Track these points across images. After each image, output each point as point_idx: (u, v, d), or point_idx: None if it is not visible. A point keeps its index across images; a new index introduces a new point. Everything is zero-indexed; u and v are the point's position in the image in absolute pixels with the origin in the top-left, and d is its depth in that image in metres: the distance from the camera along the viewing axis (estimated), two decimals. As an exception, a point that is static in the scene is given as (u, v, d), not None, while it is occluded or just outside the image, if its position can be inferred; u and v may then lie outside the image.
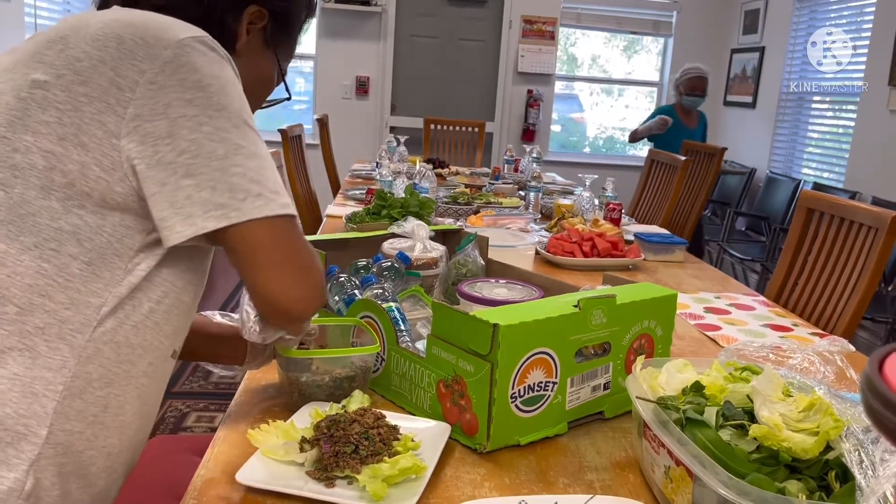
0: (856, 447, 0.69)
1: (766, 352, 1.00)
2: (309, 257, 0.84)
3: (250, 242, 0.80)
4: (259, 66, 1.00)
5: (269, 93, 1.05)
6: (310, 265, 0.84)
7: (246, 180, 0.79)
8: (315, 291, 0.85)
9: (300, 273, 0.83)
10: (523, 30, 5.78)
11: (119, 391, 0.83)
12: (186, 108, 0.77)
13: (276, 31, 0.99)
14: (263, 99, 1.06)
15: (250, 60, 0.98)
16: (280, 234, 0.81)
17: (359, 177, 3.55)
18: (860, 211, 1.93)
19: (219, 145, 0.78)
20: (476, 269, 1.45)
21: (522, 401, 0.96)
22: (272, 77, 1.03)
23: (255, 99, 1.01)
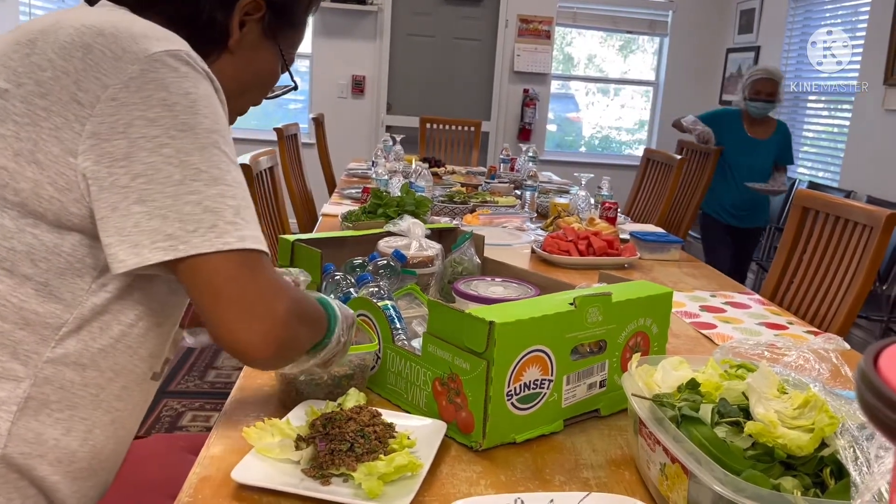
0: (851, 444, 0.69)
1: (761, 349, 1.00)
2: (268, 298, 0.75)
3: (200, 277, 0.73)
4: (259, 58, 0.96)
5: (273, 84, 1.01)
6: (267, 308, 0.75)
7: (200, 209, 0.73)
8: (269, 336, 0.75)
9: (252, 316, 0.74)
10: (519, 29, 5.79)
11: (86, 414, 0.81)
12: (148, 128, 0.72)
13: (275, 21, 0.94)
14: (267, 90, 1.02)
15: (248, 54, 0.94)
16: (232, 270, 0.73)
17: (355, 175, 3.54)
18: (855, 210, 1.93)
19: (177, 169, 0.73)
20: (472, 267, 1.45)
21: (518, 398, 0.96)
22: (275, 68, 0.99)
23: (257, 92, 0.99)
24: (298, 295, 0.82)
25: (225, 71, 0.90)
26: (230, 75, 0.91)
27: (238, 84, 0.94)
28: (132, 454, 1.34)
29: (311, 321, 0.85)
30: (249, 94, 0.98)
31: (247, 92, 0.97)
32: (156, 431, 2.69)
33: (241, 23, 0.91)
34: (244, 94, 0.97)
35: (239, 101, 0.97)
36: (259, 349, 0.75)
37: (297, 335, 0.79)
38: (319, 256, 1.24)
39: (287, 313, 0.76)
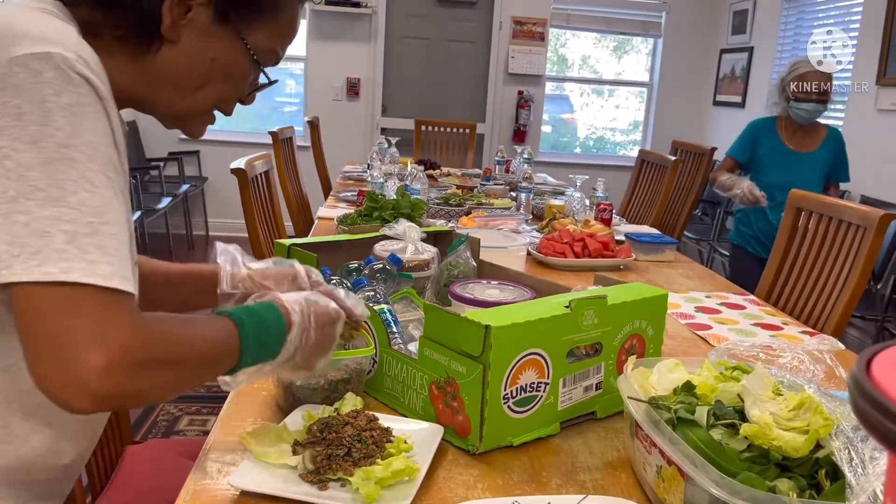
0: (846, 445, 0.70)
1: (756, 351, 1.00)
2: (82, 343, 0.65)
3: (19, 309, 0.66)
4: (213, 47, 0.86)
5: (241, 75, 0.90)
6: (79, 355, 0.65)
7: (27, 232, 0.65)
8: (82, 388, 0.65)
9: (62, 361, 0.65)
10: (513, 31, 5.79)
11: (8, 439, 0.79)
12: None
13: (230, 5, 0.85)
14: (237, 83, 0.91)
15: (198, 43, 0.85)
16: (47, 306, 0.65)
17: (350, 179, 3.54)
18: (849, 210, 1.94)
19: (13, 184, 0.66)
20: (468, 270, 1.45)
21: (515, 402, 0.96)
22: (237, 58, 0.88)
23: (222, 85, 0.89)
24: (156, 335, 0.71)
25: (170, 62, 0.85)
26: (177, 66, 0.85)
27: (189, 77, 0.86)
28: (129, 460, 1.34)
29: (181, 364, 0.73)
30: (210, 88, 0.89)
31: (206, 85, 0.88)
32: (152, 436, 2.69)
33: (187, 8, 0.83)
34: (203, 87, 0.88)
35: (198, 97, 0.89)
36: (64, 398, 0.66)
37: (132, 386, 0.68)
38: (315, 260, 1.25)
39: (107, 364, 0.65)
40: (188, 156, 5.62)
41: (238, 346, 0.79)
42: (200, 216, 5.80)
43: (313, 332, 0.86)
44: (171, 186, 5.03)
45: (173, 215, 5.21)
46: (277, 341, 0.82)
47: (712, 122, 6.03)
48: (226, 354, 0.79)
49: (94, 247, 0.67)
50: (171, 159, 5.35)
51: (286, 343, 0.83)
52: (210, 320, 0.80)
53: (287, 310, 0.84)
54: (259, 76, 0.94)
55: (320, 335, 0.87)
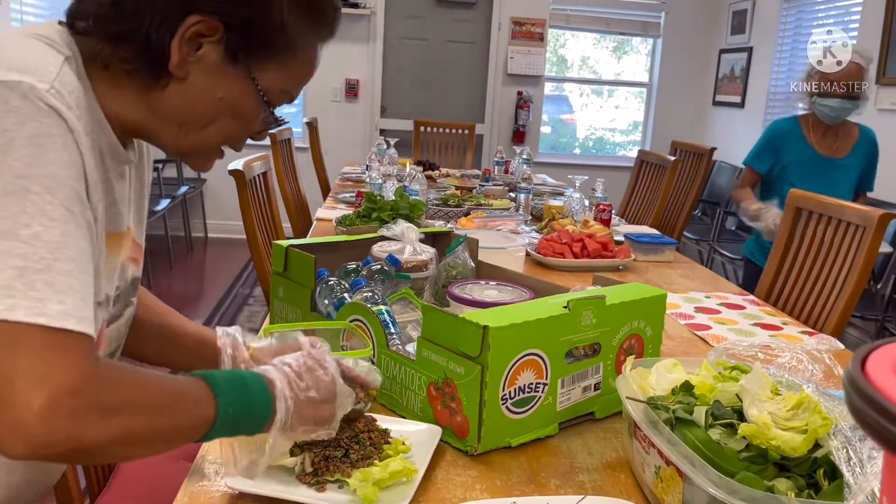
0: (844, 445, 0.70)
1: (754, 351, 1.00)
2: (21, 385, 0.61)
3: None
4: (221, 86, 0.83)
5: (251, 114, 0.88)
6: (16, 397, 0.61)
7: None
8: (18, 432, 0.61)
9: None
10: (512, 31, 5.79)
11: None
12: None
13: (241, 45, 0.82)
14: (247, 122, 0.89)
15: (206, 80, 0.82)
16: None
17: (349, 180, 3.54)
18: (848, 210, 1.94)
19: None
20: (466, 271, 1.45)
21: (513, 402, 0.96)
22: (247, 97, 0.86)
23: (230, 122, 0.87)
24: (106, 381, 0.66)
25: (177, 99, 0.83)
26: (183, 103, 0.83)
27: (195, 114, 0.84)
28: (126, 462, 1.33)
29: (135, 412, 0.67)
30: (217, 125, 0.86)
31: (212, 123, 0.86)
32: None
33: (198, 45, 0.81)
34: (209, 125, 0.86)
35: (205, 134, 0.87)
36: (5, 444, 0.62)
37: (77, 433, 0.63)
38: (313, 262, 1.24)
39: (49, 407, 0.61)
40: (187, 157, 5.61)
41: (210, 399, 0.72)
42: (199, 218, 5.80)
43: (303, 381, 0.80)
44: (169, 188, 5.03)
45: (172, 217, 5.21)
46: (261, 393, 0.76)
47: (712, 122, 6.03)
48: (194, 403, 0.72)
49: (44, 284, 0.64)
50: (169, 161, 5.35)
51: (275, 398, 0.76)
52: (182, 376, 0.75)
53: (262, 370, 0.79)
54: (271, 114, 0.90)
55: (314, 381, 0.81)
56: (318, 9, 0.87)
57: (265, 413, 0.75)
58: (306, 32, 0.87)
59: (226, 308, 4.06)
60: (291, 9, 0.84)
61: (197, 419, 0.72)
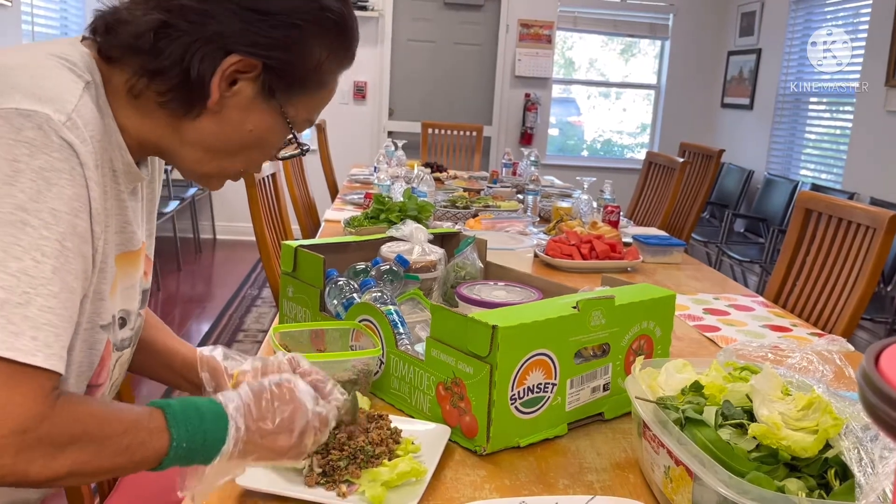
0: (855, 445, 0.69)
1: (764, 351, 1.00)
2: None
3: None
4: (253, 119, 0.85)
5: (271, 147, 0.91)
6: None
7: None
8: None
9: None
10: (520, 34, 5.79)
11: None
12: None
13: (276, 83, 0.84)
14: (269, 151, 0.91)
15: (239, 114, 0.84)
16: None
17: (357, 181, 3.55)
18: (858, 211, 1.93)
19: None
20: (474, 271, 1.45)
21: (522, 402, 0.96)
22: (275, 129, 0.88)
23: (256, 152, 0.89)
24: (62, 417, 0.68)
25: (207, 129, 0.84)
26: (214, 134, 0.84)
27: (223, 144, 0.86)
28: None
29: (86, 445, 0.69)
30: (245, 154, 0.89)
31: (241, 153, 0.88)
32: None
33: (233, 80, 0.82)
34: (237, 154, 0.88)
35: (231, 161, 0.89)
36: None
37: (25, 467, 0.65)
38: (322, 262, 1.25)
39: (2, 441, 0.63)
40: (196, 159, 5.63)
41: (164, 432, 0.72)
42: (208, 220, 5.82)
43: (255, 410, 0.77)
44: (178, 190, 5.05)
45: (181, 219, 5.22)
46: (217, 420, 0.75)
47: (720, 124, 6.02)
48: (146, 433, 0.72)
49: (21, 318, 0.65)
50: (179, 163, 5.37)
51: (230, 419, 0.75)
52: (137, 406, 0.76)
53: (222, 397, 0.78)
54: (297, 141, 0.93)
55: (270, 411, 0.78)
56: (350, 49, 0.90)
57: (220, 444, 0.74)
58: (336, 71, 0.90)
59: (234, 309, 4.07)
60: (328, 51, 0.86)
61: (148, 453, 0.72)
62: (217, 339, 3.60)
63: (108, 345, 0.86)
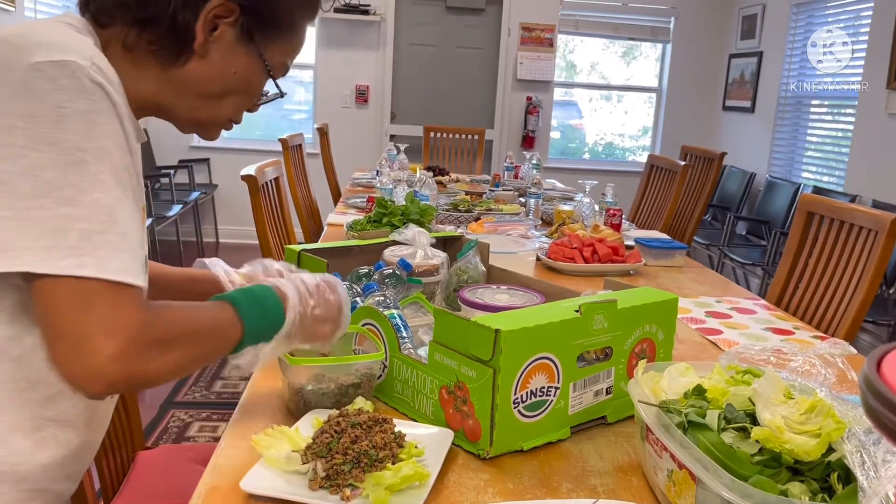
0: (858, 448, 0.70)
1: (767, 355, 1.00)
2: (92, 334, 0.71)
3: (36, 300, 0.73)
4: (236, 63, 0.92)
5: (258, 89, 0.98)
6: (91, 346, 0.71)
7: (42, 227, 0.71)
8: (95, 374, 0.72)
9: (75, 351, 0.71)
10: (522, 37, 5.80)
11: (5, 421, 0.82)
12: (12, 137, 0.72)
13: (254, 25, 0.91)
14: (254, 96, 0.98)
15: (223, 58, 0.91)
16: (61, 298, 0.71)
17: (359, 185, 3.55)
18: (859, 214, 1.93)
19: (28, 182, 0.71)
20: (477, 275, 1.45)
21: (525, 406, 0.96)
22: (257, 74, 0.95)
23: (241, 97, 0.96)
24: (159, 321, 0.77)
25: (196, 74, 0.90)
26: (202, 79, 0.91)
27: (212, 88, 0.92)
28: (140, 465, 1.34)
29: (187, 341, 0.80)
30: (231, 98, 0.95)
31: (227, 96, 0.95)
32: (163, 442, 2.70)
33: (214, 26, 0.89)
34: (224, 98, 0.94)
35: (220, 106, 0.95)
36: (84, 385, 0.73)
37: (143, 368, 0.75)
38: (325, 266, 1.25)
39: (120, 351, 0.72)
40: (198, 163, 5.65)
41: (237, 322, 0.86)
42: (210, 223, 5.83)
43: (312, 299, 0.93)
44: (181, 194, 5.06)
45: (184, 222, 5.24)
46: (275, 306, 0.90)
47: (722, 126, 6.02)
48: (226, 325, 0.85)
49: (105, 244, 0.73)
50: (181, 167, 5.38)
51: (288, 307, 0.90)
52: (208, 302, 0.88)
53: (276, 283, 0.93)
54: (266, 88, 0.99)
55: (322, 301, 0.95)
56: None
57: (279, 324, 0.90)
58: (305, 14, 0.97)
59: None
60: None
61: (230, 340, 0.86)
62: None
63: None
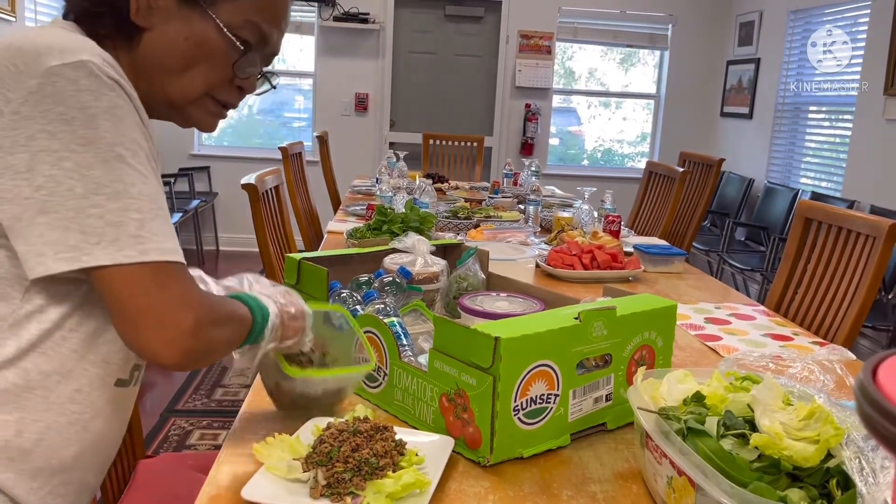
0: (856, 455, 0.70)
1: (765, 361, 1.00)
2: (173, 309, 0.78)
3: (108, 289, 0.77)
4: (181, 29, 0.88)
5: (219, 57, 0.91)
6: (172, 319, 0.78)
7: (102, 223, 0.75)
8: (175, 346, 0.78)
9: (157, 326, 0.77)
10: (520, 45, 5.82)
11: (37, 416, 0.83)
12: (49, 142, 0.74)
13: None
14: (217, 66, 0.91)
15: (172, 26, 0.88)
16: (136, 282, 0.77)
17: (359, 193, 3.56)
18: (857, 220, 1.94)
19: (78, 183, 0.75)
20: (477, 282, 1.46)
21: (525, 413, 0.96)
22: (208, 37, 0.89)
23: (206, 68, 0.91)
24: (212, 300, 0.85)
25: (150, 49, 0.88)
26: (158, 52, 0.89)
27: (171, 62, 0.89)
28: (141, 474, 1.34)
29: (231, 322, 0.87)
30: (196, 70, 0.90)
31: (190, 68, 0.90)
32: (164, 450, 2.70)
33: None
34: (186, 70, 0.90)
35: (186, 81, 0.91)
36: (166, 357, 0.79)
37: (209, 340, 0.82)
38: (326, 274, 1.25)
39: (196, 323, 0.79)
40: (198, 171, 5.66)
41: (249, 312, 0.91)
42: (211, 231, 5.83)
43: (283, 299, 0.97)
44: (181, 202, 5.07)
45: (184, 231, 5.24)
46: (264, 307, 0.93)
47: (720, 133, 6.04)
48: (246, 317, 0.90)
49: (158, 229, 0.79)
50: (181, 175, 5.39)
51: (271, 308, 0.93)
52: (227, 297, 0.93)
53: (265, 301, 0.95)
54: (247, 57, 0.93)
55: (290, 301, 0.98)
56: None
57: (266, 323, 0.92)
58: None
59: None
60: None
61: (246, 332, 0.90)
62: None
63: None
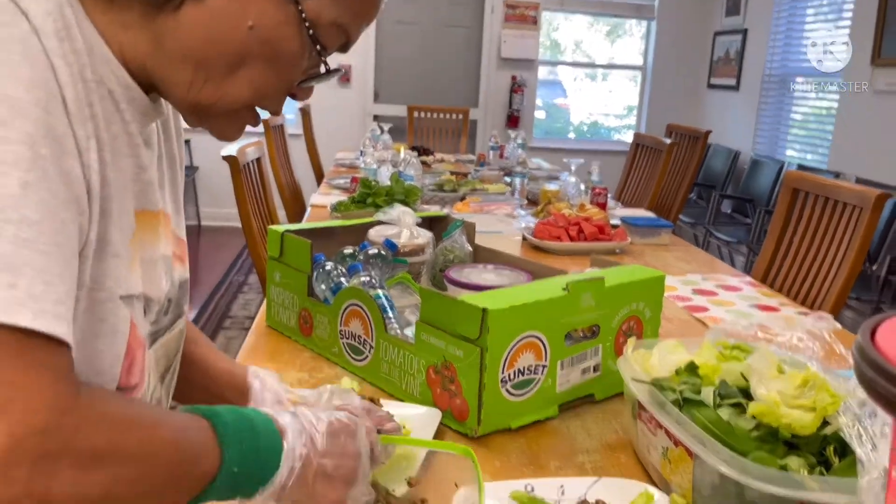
0: (854, 421, 0.69)
1: (753, 330, 0.99)
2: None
3: None
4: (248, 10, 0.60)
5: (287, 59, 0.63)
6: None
7: None
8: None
9: None
10: (506, 14, 5.76)
11: None
12: None
13: None
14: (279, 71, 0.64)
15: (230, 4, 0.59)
16: None
17: (343, 166, 3.52)
18: (845, 190, 1.93)
19: None
20: (463, 255, 1.44)
21: (513, 385, 0.95)
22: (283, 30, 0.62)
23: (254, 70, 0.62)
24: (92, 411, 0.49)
25: (193, 26, 0.59)
26: (202, 33, 0.60)
27: (217, 50, 0.60)
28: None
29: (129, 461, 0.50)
30: (248, 70, 0.62)
31: (241, 67, 0.62)
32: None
33: None
34: (236, 69, 0.62)
35: (230, 82, 0.62)
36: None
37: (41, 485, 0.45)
38: (309, 246, 1.23)
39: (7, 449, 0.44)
40: (180, 145, 5.58)
41: (215, 448, 0.55)
42: (192, 206, 5.77)
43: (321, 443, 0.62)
44: (163, 176, 5.00)
45: (166, 205, 5.17)
46: (271, 442, 0.59)
47: (707, 105, 6.02)
48: (196, 450, 0.55)
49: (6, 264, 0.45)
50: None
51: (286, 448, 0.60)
52: (179, 411, 0.58)
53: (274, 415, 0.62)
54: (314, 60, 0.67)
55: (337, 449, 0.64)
56: None
57: (270, 473, 0.58)
58: None
59: (221, 296, 4.05)
60: None
61: (196, 474, 0.54)
62: (204, 326, 3.58)
63: (133, 328, 0.61)
